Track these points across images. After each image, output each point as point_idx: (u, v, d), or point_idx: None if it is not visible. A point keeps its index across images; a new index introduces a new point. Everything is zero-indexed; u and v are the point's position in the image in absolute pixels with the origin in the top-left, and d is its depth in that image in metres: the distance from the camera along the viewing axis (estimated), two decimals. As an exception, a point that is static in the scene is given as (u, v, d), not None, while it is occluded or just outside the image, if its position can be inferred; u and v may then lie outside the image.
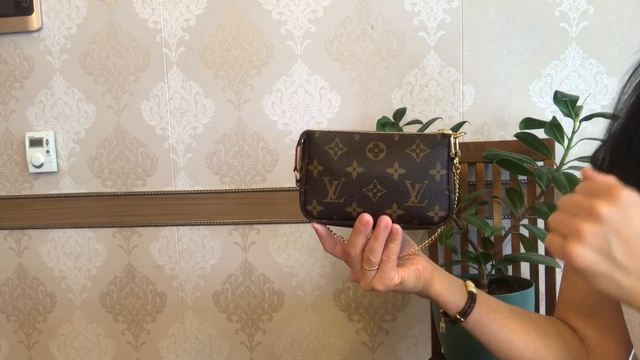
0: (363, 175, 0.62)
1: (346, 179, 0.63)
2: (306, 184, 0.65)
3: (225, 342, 1.53)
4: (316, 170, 0.64)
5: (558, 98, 1.06)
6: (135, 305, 1.56)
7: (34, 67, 1.51)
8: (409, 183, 0.62)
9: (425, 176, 0.62)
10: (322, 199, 0.64)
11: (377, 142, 0.63)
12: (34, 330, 1.61)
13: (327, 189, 0.64)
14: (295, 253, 1.47)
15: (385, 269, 0.62)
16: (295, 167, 0.66)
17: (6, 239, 1.58)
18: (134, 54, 1.46)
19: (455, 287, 0.68)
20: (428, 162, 0.62)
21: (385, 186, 0.62)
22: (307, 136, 0.65)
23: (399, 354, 1.47)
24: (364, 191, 0.63)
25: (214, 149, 1.46)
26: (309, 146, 0.65)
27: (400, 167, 0.62)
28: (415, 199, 0.62)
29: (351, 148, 0.64)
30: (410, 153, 0.62)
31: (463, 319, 0.67)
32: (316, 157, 0.64)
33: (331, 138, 0.65)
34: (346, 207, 0.63)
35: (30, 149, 1.51)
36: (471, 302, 0.67)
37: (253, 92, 1.43)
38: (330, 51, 1.38)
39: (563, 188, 0.97)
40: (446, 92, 1.36)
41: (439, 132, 0.63)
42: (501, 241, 1.15)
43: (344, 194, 0.63)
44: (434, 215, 0.62)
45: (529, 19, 1.31)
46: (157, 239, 1.52)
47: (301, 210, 0.65)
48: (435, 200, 0.62)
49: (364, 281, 0.64)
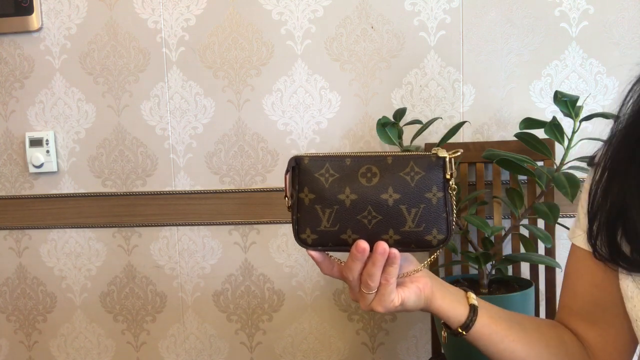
0: (357, 202, 0.60)
1: (339, 207, 0.61)
2: (298, 212, 0.63)
3: (225, 342, 1.53)
4: (307, 199, 0.62)
5: (558, 98, 1.06)
6: (135, 305, 1.56)
7: (34, 67, 1.51)
8: (404, 208, 0.60)
9: (421, 200, 0.60)
10: (316, 227, 0.62)
11: (370, 166, 0.61)
12: (34, 330, 1.61)
13: (320, 217, 0.61)
14: (295, 253, 1.47)
15: (384, 292, 0.61)
16: (285, 194, 0.64)
17: (6, 239, 1.58)
18: (134, 54, 1.46)
19: (457, 300, 0.67)
20: (423, 186, 0.60)
21: (380, 212, 0.60)
22: (295, 162, 0.63)
23: (399, 354, 1.47)
24: (359, 218, 0.60)
25: (214, 149, 1.46)
26: (298, 173, 0.63)
27: (394, 192, 0.60)
28: (412, 223, 0.60)
29: (343, 174, 0.61)
30: (405, 177, 0.60)
31: (465, 333, 0.66)
32: (307, 184, 0.62)
33: (321, 164, 0.62)
34: (341, 234, 0.61)
35: (30, 149, 1.51)
36: (473, 315, 0.66)
37: (253, 92, 1.43)
38: (330, 51, 1.38)
39: (563, 188, 0.97)
40: (446, 92, 1.36)
41: (433, 152, 0.61)
42: (501, 241, 1.14)
43: (338, 221, 0.61)
44: (432, 239, 0.61)
45: (529, 19, 1.31)
46: (157, 239, 1.52)
47: (295, 238, 0.63)
48: (433, 223, 0.60)
49: (364, 303, 0.63)
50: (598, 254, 0.64)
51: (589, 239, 0.65)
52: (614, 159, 0.63)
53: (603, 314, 0.68)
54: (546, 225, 1.22)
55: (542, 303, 1.29)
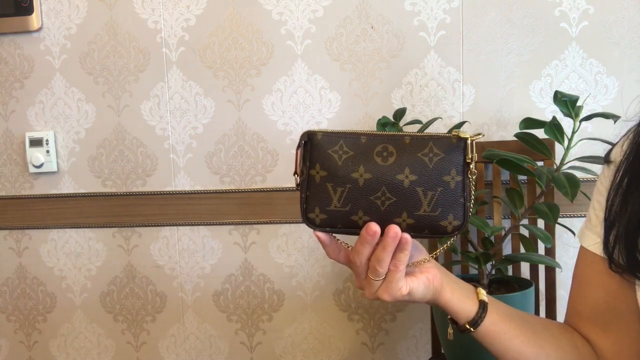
0: (371, 181, 0.57)
1: (352, 186, 0.58)
2: (308, 190, 0.59)
3: (225, 342, 1.53)
4: (318, 176, 0.59)
5: (558, 98, 1.06)
6: (135, 305, 1.56)
7: (34, 67, 1.51)
8: (420, 190, 0.57)
9: (439, 183, 0.57)
10: (326, 206, 0.59)
11: (386, 145, 0.58)
12: (34, 330, 1.61)
13: (331, 196, 0.58)
14: (295, 253, 1.47)
15: (392, 279, 0.58)
16: (295, 170, 0.61)
17: (6, 239, 1.58)
18: (134, 54, 1.46)
19: (466, 296, 0.64)
20: (442, 168, 0.57)
21: (395, 194, 0.57)
22: (308, 138, 0.60)
23: (399, 354, 1.47)
24: (372, 199, 0.57)
25: (214, 149, 1.46)
26: (310, 149, 0.59)
27: (411, 173, 0.57)
28: (428, 207, 0.57)
29: (357, 151, 0.58)
30: (423, 158, 0.57)
31: (473, 329, 0.63)
32: (319, 161, 0.59)
33: (335, 140, 0.59)
34: (352, 215, 0.58)
35: (30, 149, 1.51)
36: (482, 312, 0.63)
37: (253, 92, 1.43)
38: (330, 51, 1.38)
39: (563, 188, 0.97)
40: (446, 92, 1.36)
41: (454, 134, 0.58)
42: (501, 241, 1.14)
43: (350, 201, 0.58)
44: (447, 225, 0.58)
45: (529, 19, 1.31)
46: (157, 239, 1.52)
47: (302, 218, 0.60)
48: (449, 208, 0.57)
49: (369, 290, 0.60)
50: (615, 265, 0.62)
51: (605, 248, 0.62)
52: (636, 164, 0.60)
53: (617, 321, 0.65)
54: (546, 225, 1.22)
55: (542, 303, 1.29)
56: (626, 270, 0.61)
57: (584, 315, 0.68)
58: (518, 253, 1.22)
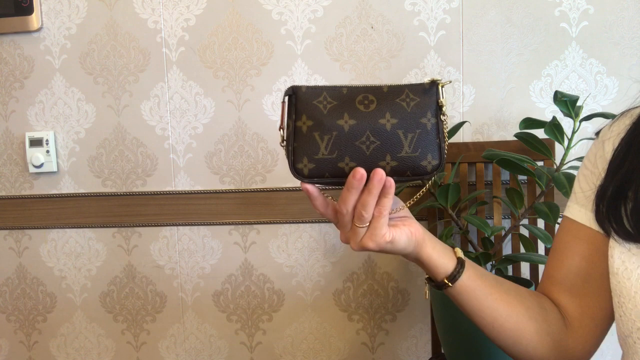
0: (355, 127, 0.61)
1: (338, 133, 0.61)
2: (295, 142, 0.62)
3: (225, 342, 1.53)
4: (305, 126, 0.62)
5: (558, 98, 1.06)
6: (135, 305, 1.56)
7: (34, 67, 1.51)
8: (401, 133, 0.61)
9: (417, 125, 0.61)
10: (313, 155, 0.61)
11: (367, 94, 0.62)
12: (34, 330, 1.61)
13: (318, 144, 0.61)
14: (295, 253, 1.47)
15: (376, 225, 0.62)
16: (280, 125, 0.64)
17: (6, 239, 1.58)
18: (134, 54, 1.46)
19: (445, 252, 0.68)
20: (419, 111, 0.62)
21: (379, 137, 0.61)
22: (292, 92, 0.63)
23: (399, 354, 1.47)
24: (357, 144, 0.61)
25: (214, 149, 1.46)
26: (295, 102, 0.63)
27: (392, 117, 0.61)
28: (409, 148, 0.61)
29: (341, 101, 0.62)
30: (401, 102, 0.62)
31: (451, 284, 0.67)
32: (304, 112, 0.62)
33: (319, 92, 0.63)
34: (339, 162, 0.61)
35: (30, 149, 1.51)
36: (460, 268, 0.67)
37: (253, 92, 1.43)
38: (330, 51, 1.38)
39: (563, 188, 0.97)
40: (446, 92, 1.35)
41: (426, 81, 0.63)
42: (501, 241, 1.14)
43: (336, 148, 0.61)
44: (427, 165, 0.62)
45: (529, 19, 1.31)
46: (157, 239, 1.52)
47: (290, 169, 0.63)
48: (427, 149, 0.62)
49: (354, 240, 0.63)
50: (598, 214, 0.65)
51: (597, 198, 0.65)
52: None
53: (586, 285, 0.69)
54: (546, 225, 1.23)
55: (542, 303, 1.29)
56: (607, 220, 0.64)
57: (556, 280, 0.72)
58: (518, 253, 1.22)
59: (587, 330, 0.69)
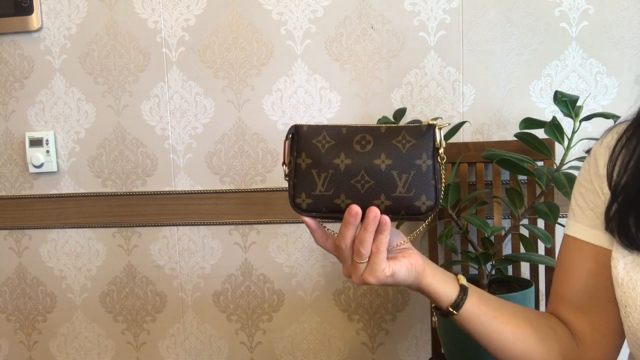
0: (351, 166, 0.63)
1: (334, 171, 0.64)
2: (295, 178, 0.66)
3: (225, 342, 1.53)
4: (304, 163, 0.65)
5: (558, 98, 1.06)
6: (135, 305, 1.56)
7: (34, 67, 1.51)
8: (395, 173, 0.63)
9: (412, 166, 0.63)
10: (311, 191, 0.65)
11: (365, 135, 0.64)
12: (34, 330, 1.61)
13: (316, 181, 0.64)
14: (295, 253, 1.47)
15: (375, 260, 0.63)
16: (283, 161, 0.67)
17: (6, 239, 1.58)
18: (134, 54, 1.46)
19: (447, 280, 0.68)
20: (414, 153, 0.63)
21: (373, 177, 0.63)
22: (295, 130, 0.66)
23: (399, 354, 1.47)
24: (352, 183, 0.63)
25: (214, 149, 1.46)
26: (297, 140, 0.66)
27: (387, 158, 0.63)
28: (403, 189, 0.63)
29: (339, 140, 0.65)
30: (397, 144, 0.63)
31: (455, 312, 0.67)
32: (304, 150, 0.65)
33: (319, 131, 0.66)
34: (335, 199, 0.64)
35: (30, 149, 1.51)
36: (463, 295, 0.67)
37: (253, 92, 1.43)
38: (330, 51, 1.38)
39: (563, 188, 0.97)
40: (446, 92, 1.36)
41: (424, 123, 0.64)
42: (501, 241, 1.14)
43: (333, 185, 0.64)
44: (421, 205, 0.63)
45: (529, 19, 1.31)
46: (157, 239, 1.52)
47: (290, 203, 0.66)
48: (422, 190, 0.63)
49: (356, 275, 0.64)
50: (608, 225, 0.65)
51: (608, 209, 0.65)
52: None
53: (594, 302, 0.69)
54: (546, 225, 1.22)
55: (542, 303, 1.29)
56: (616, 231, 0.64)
57: (566, 299, 0.72)
58: (518, 253, 1.22)
59: (600, 346, 0.69)
